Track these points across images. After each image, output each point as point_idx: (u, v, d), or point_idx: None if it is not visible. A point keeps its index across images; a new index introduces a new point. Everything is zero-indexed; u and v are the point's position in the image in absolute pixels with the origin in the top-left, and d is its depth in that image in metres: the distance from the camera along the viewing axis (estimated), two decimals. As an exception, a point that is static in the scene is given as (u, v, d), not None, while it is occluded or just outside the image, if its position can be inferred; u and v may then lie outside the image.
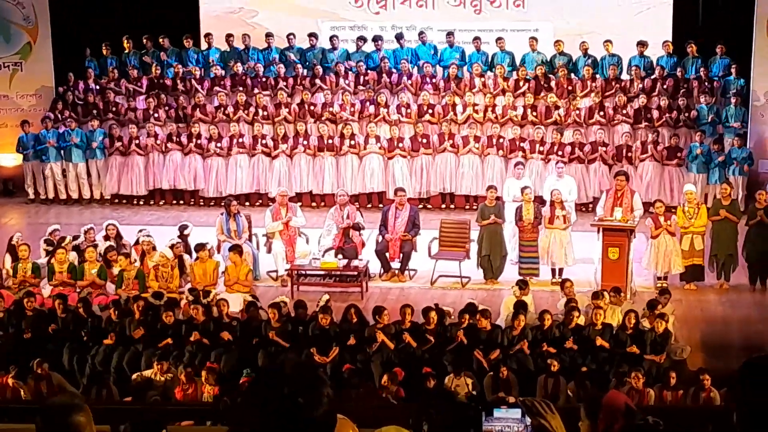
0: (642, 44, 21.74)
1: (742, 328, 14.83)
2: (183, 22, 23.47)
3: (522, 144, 20.36)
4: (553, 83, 21.53)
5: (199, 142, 21.31)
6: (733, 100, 20.86)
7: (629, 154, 20.25)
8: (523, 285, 14.54)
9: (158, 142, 21.39)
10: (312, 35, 22.83)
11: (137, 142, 21.40)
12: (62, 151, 21.67)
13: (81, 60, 23.08)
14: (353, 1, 23.57)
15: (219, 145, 21.20)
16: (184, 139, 21.38)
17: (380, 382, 12.45)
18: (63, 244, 16.26)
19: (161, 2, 23.37)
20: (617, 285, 14.87)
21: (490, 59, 22.19)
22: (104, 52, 23.00)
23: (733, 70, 21.33)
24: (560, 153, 20.08)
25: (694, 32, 22.33)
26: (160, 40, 22.95)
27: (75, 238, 16.88)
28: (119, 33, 23.15)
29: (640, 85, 21.36)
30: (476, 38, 22.29)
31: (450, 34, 22.41)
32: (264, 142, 21.12)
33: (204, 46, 23.11)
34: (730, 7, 22.40)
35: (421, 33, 22.64)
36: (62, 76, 23.03)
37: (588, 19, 22.87)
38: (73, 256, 16.06)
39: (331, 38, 22.80)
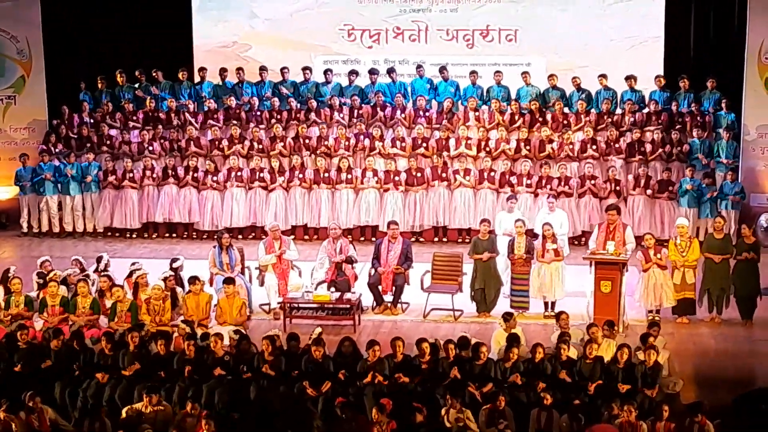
0: (631, 78, 21.82)
1: (734, 362, 14.81)
2: (177, 56, 23.58)
3: (511, 178, 20.42)
4: (548, 117, 21.61)
5: (195, 175, 21.32)
6: (724, 135, 20.92)
7: (617, 188, 20.30)
8: (508, 317, 14.49)
9: (155, 175, 21.41)
10: (306, 69, 22.91)
11: (131, 175, 21.42)
12: (59, 185, 21.69)
13: (74, 94, 23.15)
14: (346, 35, 23.72)
15: (215, 178, 21.22)
16: (180, 172, 21.40)
17: (372, 415, 12.41)
18: (51, 276, 16.19)
19: (155, 36, 23.47)
20: (609, 318, 14.85)
21: (485, 93, 22.27)
22: (99, 85, 23.08)
23: (723, 105, 21.41)
24: (549, 186, 20.15)
25: (686, 66, 22.44)
26: (153, 73, 23.00)
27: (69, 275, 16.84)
28: (113, 67, 23.25)
29: (632, 119, 21.44)
30: (473, 72, 22.36)
31: (443, 68, 22.48)
32: (261, 175, 21.14)
33: (197, 79, 23.19)
34: (721, 42, 22.53)
35: (418, 66, 22.72)
36: (56, 109, 23.09)
37: (580, 54, 23.03)
38: (62, 290, 16.02)
39: (325, 72, 22.88)
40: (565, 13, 23.17)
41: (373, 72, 22.73)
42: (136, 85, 23.13)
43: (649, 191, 20.29)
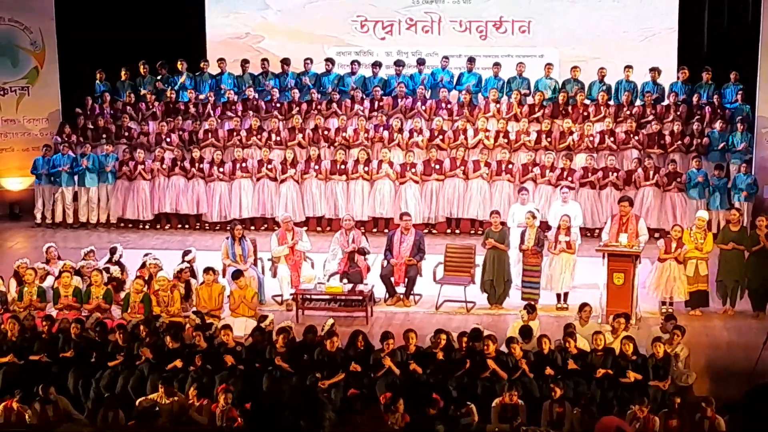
0: (655, 70, 21.76)
1: (747, 355, 14.76)
2: (189, 48, 23.59)
3: (533, 169, 20.37)
4: (570, 108, 21.57)
5: (201, 166, 21.32)
6: (739, 126, 20.86)
7: (636, 180, 20.26)
8: (531, 309, 14.51)
9: (164, 166, 21.43)
10: (328, 60, 22.91)
11: (143, 166, 21.43)
12: (75, 176, 21.69)
13: (88, 85, 23.16)
14: (359, 26, 23.72)
15: (221, 169, 21.21)
16: (187, 164, 21.41)
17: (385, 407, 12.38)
18: (64, 267, 16.24)
19: (168, 28, 23.45)
20: (622, 310, 14.84)
21: (506, 84, 22.24)
22: (122, 76, 23.10)
23: (739, 96, 21.35)
24: (570, 179, 20.10)
25: (699, 58, 22.38)
26: (179, 64, 23.03)
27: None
28: (125, 58, 23.25)
29: (652, 111, 21.38)
30: (496, 64, 22.40)
31: (471, 60, 22.47)
32: (270, 166, 21.13)
33: (215, 70, 23.20)
34: (735, 33, 22.46)
35: (444, 58, 22.67)
36: (69, 100, 23.10)
37: (594, 45, 23.02)
38: (76, 280, 16.06)
39: (352, 63, 22.88)
40: (579, 4, 23.18)
41: (398, 63, 22.72)
42: (158, 77, 23.14)
43: (657, 182, 20.22)
